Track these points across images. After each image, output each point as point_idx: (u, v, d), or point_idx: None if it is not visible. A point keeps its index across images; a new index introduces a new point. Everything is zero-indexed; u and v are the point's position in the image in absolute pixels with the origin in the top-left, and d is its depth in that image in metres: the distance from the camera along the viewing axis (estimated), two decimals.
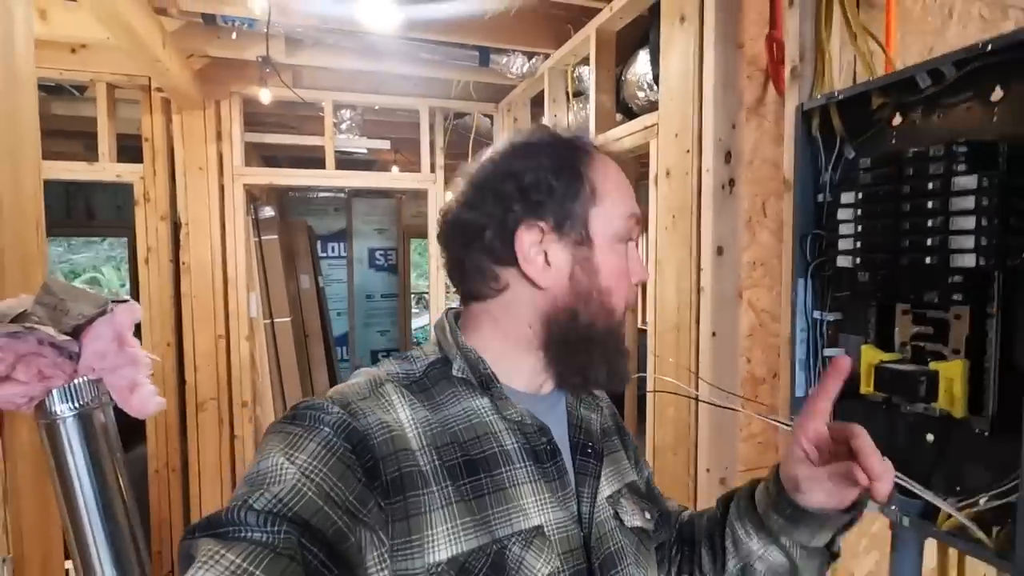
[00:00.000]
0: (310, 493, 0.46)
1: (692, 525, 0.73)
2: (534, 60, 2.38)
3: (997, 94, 0.75)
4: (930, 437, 0.84)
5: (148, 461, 2.55)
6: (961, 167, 0.74)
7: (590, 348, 0.59)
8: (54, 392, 0.84)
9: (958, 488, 0.80)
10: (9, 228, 0.90)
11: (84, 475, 0.88)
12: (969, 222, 0.73)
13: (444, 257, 0.64)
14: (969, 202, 0.73)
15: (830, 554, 0.63)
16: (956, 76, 0.77)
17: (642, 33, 1.96)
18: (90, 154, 2.63)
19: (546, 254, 0.58)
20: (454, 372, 0.59)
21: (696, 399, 1.28)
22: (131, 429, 1.32)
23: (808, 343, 1.01)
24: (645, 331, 1.93)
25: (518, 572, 0.52)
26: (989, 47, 0.70)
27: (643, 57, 1.88)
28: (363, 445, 0.51)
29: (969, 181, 0.73)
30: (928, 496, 0.79)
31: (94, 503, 0.89)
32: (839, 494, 0.57)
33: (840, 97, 0.91)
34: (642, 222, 0.63)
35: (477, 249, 0.59)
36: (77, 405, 0.86)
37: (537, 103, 2.65)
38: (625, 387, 0.64)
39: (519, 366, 0.61)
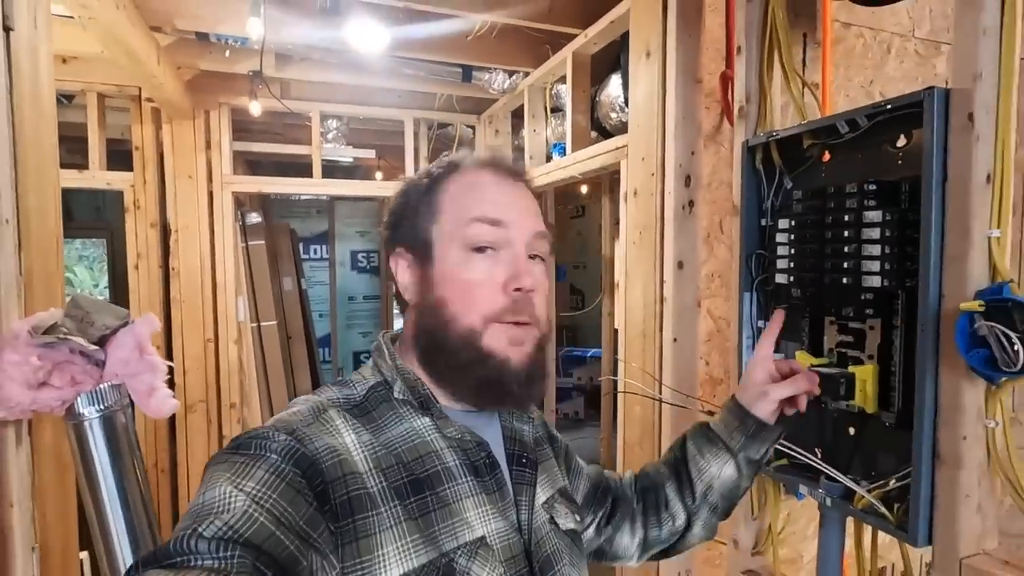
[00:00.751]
0: (261, 519, 0.45)
1: (648, 477, 0.85)
2: (515, 77, 2.50)
3: (901, 141, 0.89)
4: (851, 430, 0.98)
5: None
6: (871, 202, 0.88)
7: (436, 359, 0.62)
8: (81, 396, 0.94)
9: (873, 473, 0.94)
10: (36, 249, 0.99)
11: (107, 470, 0.97)
12: (876, 250, 0.87)
13: None
14: (876, 233, 0.87)
15: (759, 466, 0.83)
16: (868, 125, 0.91)
17: (615, 57, 2.09)
18: (73, 158, 2.67)
19: (409, 275, 0.64)
20: (395, 394, 0.62)
21: (660, 400, 1.41)
22: None
23: (754, 349, 1.14)
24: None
25: None
26: (889, 106, 0.84)
27: (616, 80, 2.01)
28: (313, 470, 0.51)
29: (876, 215, 0.87)
30: (845, 480, 0.93)
31: (116, 495, 0.98)
32: (779, 409, 0.81)
33: (778, 136, 1.04)
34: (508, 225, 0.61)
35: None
36: (102, 408, 0.96)
37: (518, 115, 2.77)
38: (532, 405, 0.70)
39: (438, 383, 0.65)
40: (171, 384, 2.79)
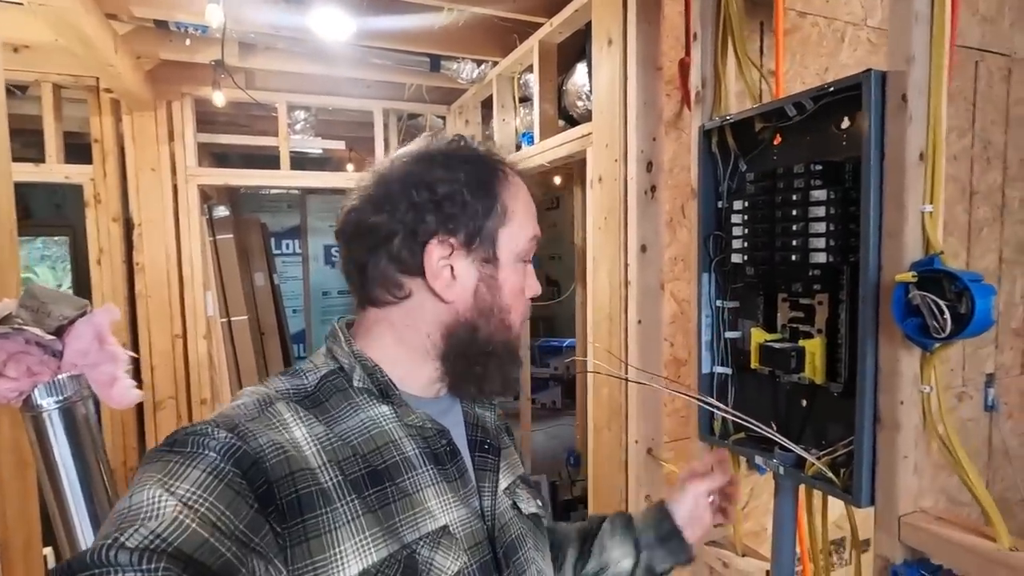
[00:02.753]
0: (193, 525, 0.42)
1: (556, 532, 0.83)
2: (483, 66, 2.51)
3: (845, 123, 0.93)
4: (803, 402, 1.03)
5: None
6: (817, 182, 0.92)
7: (487, 361, 0.62)
8: (39, 387, 0.92)
9: (823, 441, 0.99)
10: None
11: (68, 462, 0.96)
12: (822, 227, 0.91)
13: (343, 257, 0.63)
14: (822, 211, 0.91)
15: None
16: (815, 108, 0.95)
17: (581, 46, 2.11)
18: (28, 152, 2.58)
19: (452, 268, 0.59)
20: (355, 383, 0.59)
21: (626, 380, 1.45)
22: None
23: (712, 327, 1.18)
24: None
25: (428, 574, 0.53)
26: (832, 88, 0.88)
27: (581, 69, 2.03)
28: (255, 469, 0.48)
29: (821, 194, 0.90)
30: (797, 449, 0.97)
31: (78, 488, 0.97)
32: (704, 512, 0.83)
33: (731, 120, 1.08)
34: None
35: (383, 255, 0.58)
36: (61, 399, 0.94)
37: (487, 105, 2.78)
38: (516, 394, 0.74)
39: (416, 372, 0.62)
40: (138, 380, 2.74)
